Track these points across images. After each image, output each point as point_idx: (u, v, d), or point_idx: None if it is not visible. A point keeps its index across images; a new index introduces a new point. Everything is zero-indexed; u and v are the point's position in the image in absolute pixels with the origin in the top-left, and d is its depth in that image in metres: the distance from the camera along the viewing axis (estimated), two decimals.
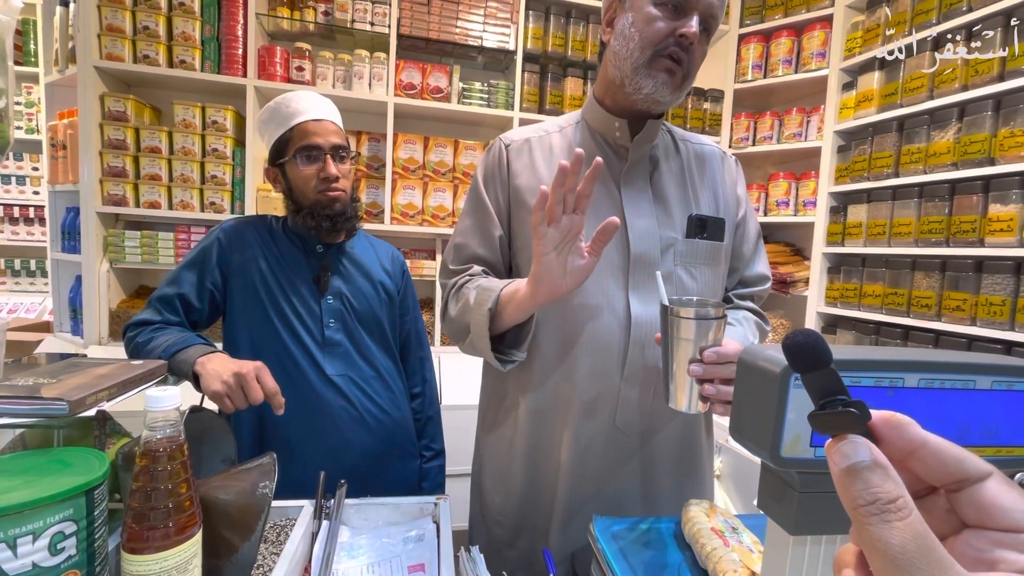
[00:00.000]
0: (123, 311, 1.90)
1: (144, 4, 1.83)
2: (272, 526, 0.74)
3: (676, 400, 0.69)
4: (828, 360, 0.23)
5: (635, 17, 0.77)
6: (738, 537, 0.66)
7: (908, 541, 0.19)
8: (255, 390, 0.81)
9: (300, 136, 1.03)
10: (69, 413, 0.55)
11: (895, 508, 0.20)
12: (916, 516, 0.20)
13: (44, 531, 0.45)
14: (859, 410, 0.23)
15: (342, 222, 1.05)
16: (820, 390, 0.24)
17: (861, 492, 0.21)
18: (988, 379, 0.35)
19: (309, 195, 1.04)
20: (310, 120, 1.03)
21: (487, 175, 0.89)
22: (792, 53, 2.22)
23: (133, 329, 0.98)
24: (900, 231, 1.83)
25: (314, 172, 1.03)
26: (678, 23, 0.74)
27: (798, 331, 0.24)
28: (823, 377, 0.23)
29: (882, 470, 0.21)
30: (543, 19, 2.15)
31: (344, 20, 1.97)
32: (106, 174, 1.84)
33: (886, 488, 0.21)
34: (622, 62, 0.79)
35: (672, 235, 0.82)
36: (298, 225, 1.07)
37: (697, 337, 0.65)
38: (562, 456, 0.84)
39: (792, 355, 0.24)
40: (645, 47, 0.76)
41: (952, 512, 0.23)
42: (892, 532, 0.20)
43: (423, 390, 1.21)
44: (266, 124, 1.07)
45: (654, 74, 0.76)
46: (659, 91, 0.77)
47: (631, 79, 0.78)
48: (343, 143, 1.06)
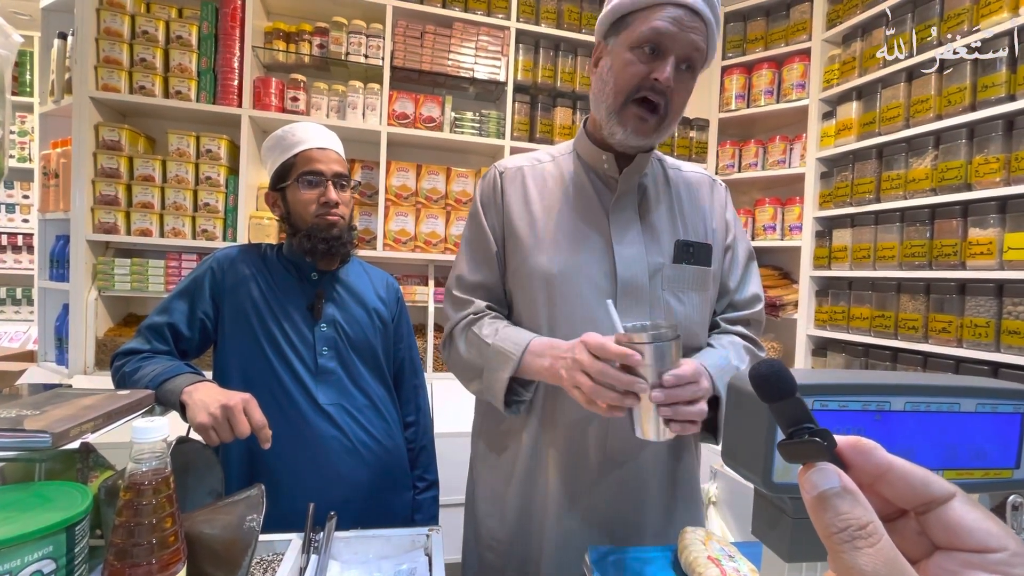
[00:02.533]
0: (110, 340, 1.87)
1: (142, 37, 1.87)
2: (259, 561, 0.72)
3: (643, 430, 0.65)
4: (793, 389, 0.24)
5: (613, 61, 0.78)
6: (735, 565, 0.65)
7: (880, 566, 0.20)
8: (241, 423, 0.80)
9: (304, 162, 1.05)
10: (52, 446, 0.54)
11: (865, 534, 0.20)
12: (886, 541, 0.20)
13: (22, 570, 0.44)
14: (824, 438, 0.23)
15: (338, 246, 1.05)
16: (787, 419, 0.24)
17: (832, 520, 0.21)
18: (972, 402, 0.35)
19: (307, 219, 1.04)
20: (314, 148, 1.06)
21: (484, 201, 0.91)
22: (773, 84, 2.31)
23: (121, 358, 0.97)
24: (884, 255, 1.86)
25: (314, 197, 1.04)
26: (653, 66, 0.75)
27: (763, 362, 0.25)
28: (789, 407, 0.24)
29: (851, 496, 0.22)
30: (533, 52, 2.22)
31: (339, 52, 2.02)
32: (98, 202, 1.84)
33: (856, 514, 0.21)
34: (599, 106, 0.81)
35: (660, 261, 0.83)
36: (294, 248, 1.07)
37: (655, 361, 0.63)
38: (550, 484, 0.83)
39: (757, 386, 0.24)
40: (618, 93, 0.77)
41: (923, 535, 0.23)
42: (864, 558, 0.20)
43: (417, 418, 1.19)
44: (271, 151, 1.09)
45: (625, 121, 0.78)
46: (629, 138, 0.79)
47: (606, 123, 0.81)
48: (344, 172, 1.09)
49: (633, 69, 0.76)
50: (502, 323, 0.85)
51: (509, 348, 0.79)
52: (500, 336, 0.81)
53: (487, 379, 0.82)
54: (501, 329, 0.82)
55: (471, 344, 0.85)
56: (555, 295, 0.82)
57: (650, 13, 0.74)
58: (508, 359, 0.79)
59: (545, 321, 0.84)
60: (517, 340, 0.79)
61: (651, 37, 0.74)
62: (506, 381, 0.79)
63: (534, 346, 0.77)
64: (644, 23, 0.74)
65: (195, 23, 1.90)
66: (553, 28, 2.21)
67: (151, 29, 1.87)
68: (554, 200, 0.87)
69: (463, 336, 0.86)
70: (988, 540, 0.21)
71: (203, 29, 1.91)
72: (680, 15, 0.73)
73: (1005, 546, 0.21)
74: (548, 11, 2.21)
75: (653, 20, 0.74)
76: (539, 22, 2.20)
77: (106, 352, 1.85)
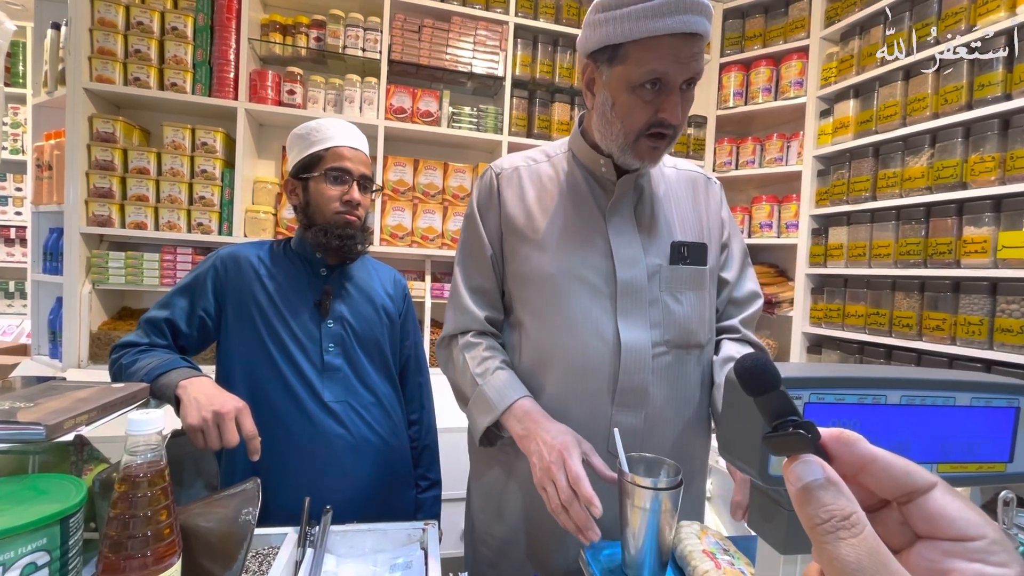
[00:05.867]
0: (104, 333, 1.86)
1: (137, 28, 1.85)
2: (255, 555, 0.72)
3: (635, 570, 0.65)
4: (777, 383, 0.24)
5: (614, 100, 0.76)
6: (729, 558, 0.65)
7: (863, 557, 0.20)
8: (230, 432, 0.79)
9: (334, 157, 1.05)
10: (46, 438, 0.53)
11: (848, 525, 0.21)
12: (869, 531, 0.21)
13: (15, 562, 0.43)
14: (808, 430, 0.23)
15: (352, 245, 1.05)
16: (772, 412, 0.24)
17: (816, 511, 0.21)
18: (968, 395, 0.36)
19: (327, 214, 1.04)
20: (345, 146, 1.06)
21: (480, 204, 0.91)
22: (771, 81, 2.31)
23: (118, 350, 0.96)
24: (879, 252, 1.87)
25: (338, 194, 1.04)
26: (658, 104, 0.74)
27: (747, 355, 0.25)
28: (773, 399, 0.24)
29: (835, 488, 0.22)
30: (531, 47, 2.21)
31: (336, 46, 2.00)
32: (92, 195, 1.83)
33: (839, 505, 0.21)
34: (608, 141, 0.80)
35: (657, 262, 0.84)
36: (307, 241, 1.07)
37: (653, 507, 0.62)
38: None
39: (742, 379, 0.24)
40: (628, 133, 0.77)
41: (905, 524, 0.23)
42: (847, 549, 0.20)
43: (421, 416, 1.19)
44: (301, 139, 1.08)
45: (640, 154, 0.78)
46: (647, 165, 0.81)
47: (619, 155, 0.80)
48: (370, 175, 1.10)
49: (639, 113, 0.75)
50: (495, 359, 0.85)
51: (494, 400, 0.80)
52: (488, 382, 0.82)
53: (469, 413, 0.85)
54: (490, 373, 0.83)
55: (462, 372, 0.86)
56: (554, 296, 0.83)
57: (647, 47, 0.71)
58: (490, 410, 0.80)
59: (544, 322, 0.84)
60: (503, 394, 0.80)
61: (653, 76, 0.72)
62: (483, 428, 0.81)
63: (516, 409, 0.78)
64: (643, 63, 0.71)
65: (190, 14, 1.88)
66: (552, 23, 2.20)
67: (146, 20, 1.85)
68: (551, 201, 0.87)
69: (461, 355, 0.88)
70: (968, 529, 0.21)
71: (199, 21, 1.89)
72: (679, 45, 0.70)
73: (984, 534, 0.21)
74: (547, 6, 2.20)
75: (652, 59, 0.71)
76: (538, 17, 2.19)
77: (100, 346, 1.84)
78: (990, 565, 0.20)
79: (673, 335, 0.83)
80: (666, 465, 0.68)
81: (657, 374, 0.82)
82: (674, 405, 0.83)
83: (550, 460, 0.69)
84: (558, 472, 0.67)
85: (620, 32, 0.71)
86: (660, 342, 0.82)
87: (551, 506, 0.68)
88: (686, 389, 0.85)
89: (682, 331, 0.83)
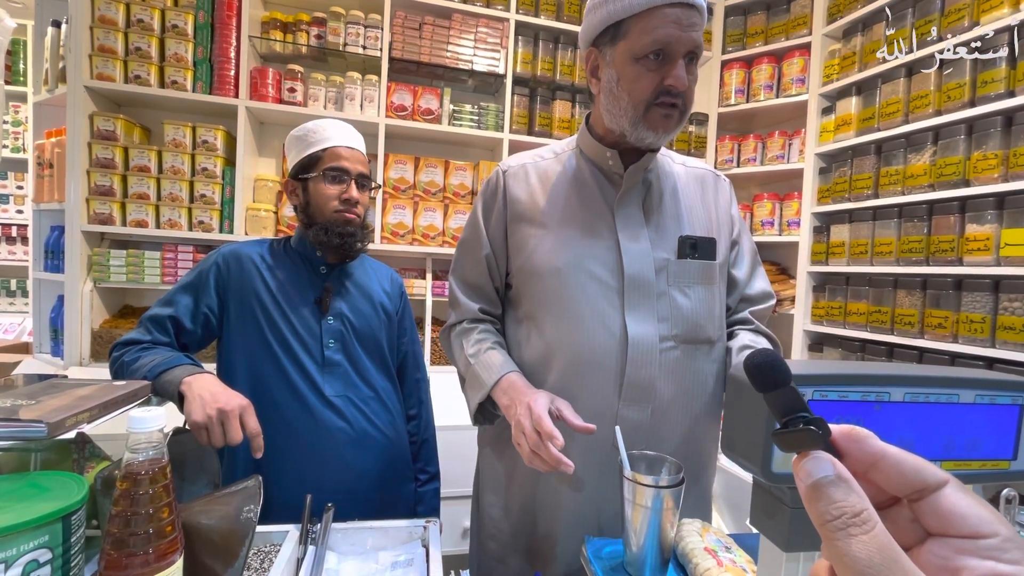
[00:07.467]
0: (106, 331, 1.86)
1: (137, 26, 1.85)
2: (256, 552, 0.72)
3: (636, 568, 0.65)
4: (787, 379, 0.24)
5: (619, 75, 0.78)
6: (731, 555, 0.65)
7: (874, 554, 0.20)
8: (234, 430, 0.80)
9: (331, 158, 1.06)
10: (48, 435, 0.53)
11: (859, 521, 0.21)
12: (880, 528, 0.20)
13: (17, 559, 0.44)
14: (819, 427, 0.23)
15: (351, 243, 1.07)
16: (782, 408, 0.24)
17: (827, 508, 0.21)
18: (971, 393, 0.35)
19: (327, 213, 1.06)
20: (342, 146, 1.08)
21: (485, 205, 0.93)
22: (773, 79, 2.30)
23: (120, 348, 0.96)
24: (882, 250, 1.87)
25: (337, 193, 1.06)
26: (664, 72, 0.75)
27: (757, 351, 0.25)
28: (784, 396, 0.24)
29: (845, 484, 0.22)
30: (532, 44, 2.20)
31: (337, 43, 2.00)
32: (93, 193, 1.82)
33: (850, 502, 0.21)
34: (618, 119, 0.80)
35: (665, 256, 0.83)
36: (307, 240, 1.09)
37: (655, 504, 0.63)
38: (554, 477, 0.83)
39: (752, 375, 0.24)
40: (636, 105, 0.77)
41: (916, 522, 0.23)
42: (858, 546, 0.20)
43: (419, 412, 1.21)
44: (299, 140, 1.09)
45: (653, 124, 0.78)
46: (661, 138, 0.80)
47: (632, 132, 0.80)
48: (368, 173, 1.11)
49: (645, 82, 0.76)
50: (487, 341, 0.89)
51: (483, 377, 0.84)
52: (480, 360, 0.86)
53: (465, 392, 0.91)
54: (483, 351, 0.87)
55: (458, 356, 0.92)
56: (561, 289, 0.83)
57: (648, 18, 0.73)
58: (480, 386, 0.84)
59: (551, 315, 0.84)
60: (492, 370, 0.84)
61: (656, 46, 0.74)
62: (476, 404, 0.85)
63: (503, 382, 0.81)
64: (645, 33, 0.74)
65: (191, 12, 1.88)
66: (553, 20, 2.19)
67: (146, 18, 1.85)
68: (559, 196, 0.87)
69: (457, 340, 0.93)
70: (980, 526, 0.21)
71: (199, 18, 1.89)
72: (679, 14, 0.73)
73: (996, 532, 0.21)
74: (548, 3, 2.19)
75: (654, 28, 0.73)
76: (539, 14, 2.18)
77: (102, 344, 1.85)
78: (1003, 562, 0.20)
79: (681, 329, 0.83)
80: (668, 463, 0.68)
81: (665, 369, 0.81)
82: (682, 400, 0.83)
83: (519, 414, 0.72)
84: (524, 420, 0.71)
85: (620, 8, 0.74)
86: (668, 336, 0.82)
87: (524, 457, 0.71)
88: (695, 385, 0.84)
89: (690, 326, 0.83)
